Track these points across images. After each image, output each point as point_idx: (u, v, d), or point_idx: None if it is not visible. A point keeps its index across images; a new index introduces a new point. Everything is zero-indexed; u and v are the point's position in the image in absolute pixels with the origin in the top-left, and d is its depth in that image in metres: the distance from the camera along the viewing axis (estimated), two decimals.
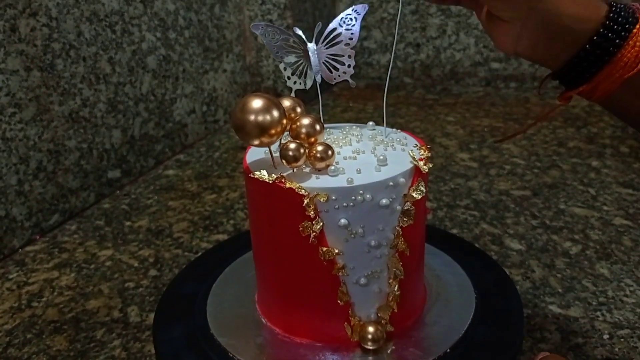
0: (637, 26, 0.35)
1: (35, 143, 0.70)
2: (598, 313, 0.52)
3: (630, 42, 0.35)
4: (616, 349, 0.47)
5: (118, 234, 0.72)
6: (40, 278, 0.62)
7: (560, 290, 0.56)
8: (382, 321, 0.41)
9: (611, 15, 0.35)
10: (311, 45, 0.45)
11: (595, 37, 0.35)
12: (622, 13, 0.35)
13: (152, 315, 0.52)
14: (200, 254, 0.63)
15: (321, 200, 0.37)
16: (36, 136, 0.71)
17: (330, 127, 0.47)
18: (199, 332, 0.45)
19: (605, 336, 0.49)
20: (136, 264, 0.64)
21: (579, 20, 0.35)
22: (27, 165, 0.70)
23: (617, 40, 0.35)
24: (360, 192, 0.37)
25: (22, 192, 0.69)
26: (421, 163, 0.40)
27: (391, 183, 0.38)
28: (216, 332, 0.45)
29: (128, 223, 0.74)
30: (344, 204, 0.37)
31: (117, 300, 0.57)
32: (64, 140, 0.75)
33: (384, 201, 0.38)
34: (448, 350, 0.41)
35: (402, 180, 0.38)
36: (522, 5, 0.36)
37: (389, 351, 0.41)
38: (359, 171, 0.39)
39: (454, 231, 0.68)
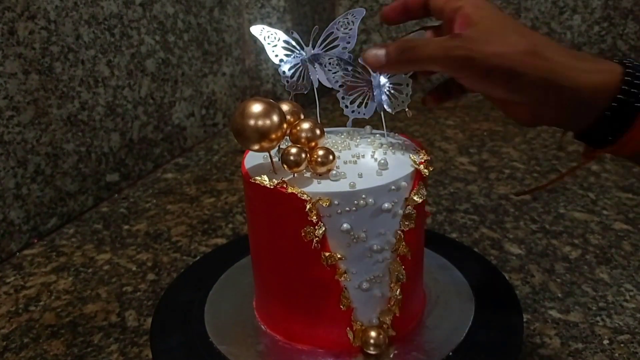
0: None
1: (33, 146, 0.70)
2: (598, 318, 0.52)
3: None
4: (616, 354, 0.47)
5: (116, 237, 0.71)
6: (37, 282, 0.62)
7: (560, 295, 0.56)
8: (384, 326, 0.41)
9: (627, 78, 0.34)
10: (308, 49, 0.45)
11: (614, 104, 0.34)
12: (638, 74, 0.34)
13: (149, 320, 0.52)
14: (198, 258, 0.63)
15: (323, 205, 0.37)
16: (34, 139, 0.70)
17: (328, 132, 0.47)
18: (198, 340, 0.45)
19: (605, 341, 0.49)
20: (134, 268, 0.64)
21: (595, 90, 0.34)
22: (25, 169, 0.69)
23: (636, 104, 0.33)
24: (363, 196, 0.37)
25: (19, 196, 0.69)
26: (422, 166, 0.40)
27: (393, 187, 0.38)
28: (215, 340, 0.44)
29: (126, 227, 0.74)
30: (347, 209, 0.37)
31: (115, 305, 0.57)
32: (62, 144, 0.75)
33: (386, 205, 0.38)
34: (450, 354, 0.41)
35: (403, 184, 0.38)
36: (539, 86, 0.34)
37: (391, 356, 0.41)
38: (360, 175, 0.38)
39: (454, 235, 0.68)
